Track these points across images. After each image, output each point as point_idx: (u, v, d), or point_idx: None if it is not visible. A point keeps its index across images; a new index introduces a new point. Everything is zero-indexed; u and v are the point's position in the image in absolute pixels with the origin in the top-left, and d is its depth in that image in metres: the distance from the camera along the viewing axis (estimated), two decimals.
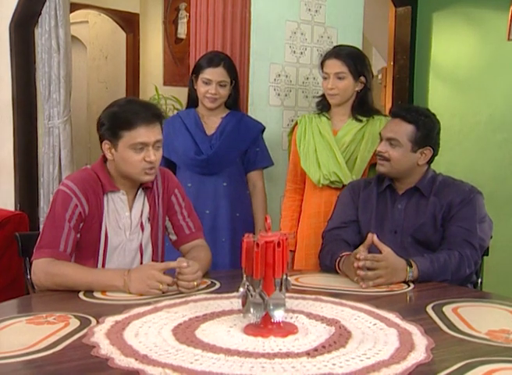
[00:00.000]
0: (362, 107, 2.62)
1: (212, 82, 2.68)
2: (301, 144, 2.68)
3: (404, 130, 2.16)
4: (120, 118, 1.92)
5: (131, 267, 1.98)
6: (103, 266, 2.02)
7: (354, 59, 2.56)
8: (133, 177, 2.00)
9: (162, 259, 2.15)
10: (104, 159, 2.03)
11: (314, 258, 2.62)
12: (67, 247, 1.91)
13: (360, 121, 2.61)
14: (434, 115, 2.24)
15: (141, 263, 2.07)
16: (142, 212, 2.07)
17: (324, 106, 2.69)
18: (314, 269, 2.58)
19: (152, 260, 2.10)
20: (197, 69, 2.74)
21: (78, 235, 1.96)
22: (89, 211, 1.97)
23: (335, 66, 2.56)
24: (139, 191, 2.07)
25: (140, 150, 1.93)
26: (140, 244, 2.08)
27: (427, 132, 2.17)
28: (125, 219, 2.04)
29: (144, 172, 1.97)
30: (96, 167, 2.03)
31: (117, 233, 2.03)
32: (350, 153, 2.61)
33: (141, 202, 2.08)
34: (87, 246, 1.99)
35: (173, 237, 2.19)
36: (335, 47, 2.72)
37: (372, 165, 2.64)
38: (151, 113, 1.95)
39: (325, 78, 2.60)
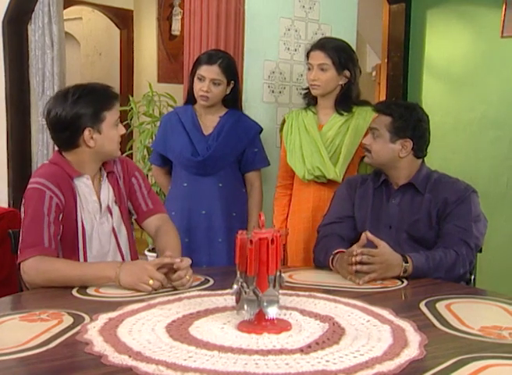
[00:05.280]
0: (345, 101, 2.63)
1: (206, 79, 2.67)
2: (288, 140, 2.70)
3: (383, 121, 2.21)
4: (102, 101, 1.99)
5: (109, 252, 2.04)
6: (85, 253, 2.02)
7: (339, 52, 2.57)
8: (111, 155, 2.07)
9: (131, 241, 2.17)
10: (59, 152, 2.05)
11: (303, 253, 2.64)
12: (51, 242, 1.90)
13: (343, 115, 2.62)
14: (418, 108, 2.25)
15: (118, 245, 2.09)
16: (108, 196, 2.09)
17: (310, 99, 2.70)
18: (303, 263, 2.59)
19: (129, 241, 2.13)
20: (195, 65, 2.73)
21: (60, 226, 1.96)
22: (65, 200, 1.97)
23: (318, 57, 2.57)
24: (103, 176, 2.09)
25: (117, 125, 2.04)
26: (113, 228, 2.09)
27: (403, 123, 2.18)
28: (92, 204, 2.05)
29: (118, 146, 2.07)
30: (54, 159, 2.04)
31: (88, 219, 2.03)
32: (335, 147, 2.62)
33: (107, 186, 2.09)
34: (68, 236, 1.99)
35: (135, 216, 2.20)
36: (321, 38, 2.73)
37: (363, 158, 2.66)
38: (115, 90, 2.09)
39: (309, 69, 2.62)
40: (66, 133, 1.97)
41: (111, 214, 2.09)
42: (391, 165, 2.22)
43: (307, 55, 2.63)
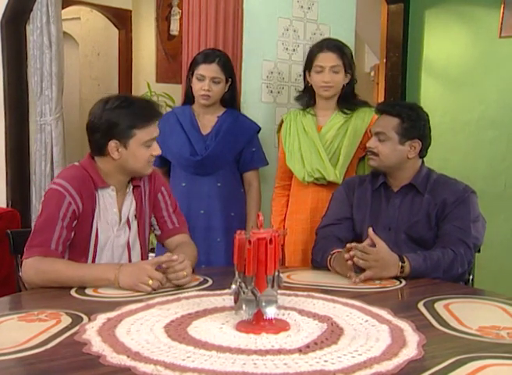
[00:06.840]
0: (349, 100, 2.63)
1: (206, 78, 2.67)
2: (286, 142, 2.69)
3: (390, 124, 2.19)
4: (137, 118, 1.95)
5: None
6: (93, 262, 2.01)
7: (346, 53, 2.58)
8: (137, 172, 2.03)
9: (146, 257, 2.16)
10: (92, 156, 2.03)
11: (301, 254, 2.63)
12: (58, 246, 1.89)
13: (346, 114, 2.61)
14: (420, 108, 2.26)
15: (129, 260, 2.07)
16: (129, 209, 2.08)
17: (308, 101, 2.69)
18: (301, 264, 2.59)
19: (141, 257, 2.11)
20: (193, 66, 2.73)
21: (72, 233, 1.95)
22: (83, 208, 1.96)
23: (331, 59, 2.55)
24: (129, 189, 2.07)
25: (150, 145, 1.99)
26: (128, 241, 2.08)
27: (412, 123, 2.18)
28: (112, 215, 2.04)
29: (149, 165, 2.02)
30: (85, 164, 2.02)
31: (105, 229, 2.03)
32: (334, 149, 2.61)
33: (130, 199, 2.08)
34: (79, 243, 1.98)
35: (158, 232, 2.19)
36: (324, 40, 2.71)
37: (362, 159, 2.65)
38: (157, 109, 2.04)
39: (317, 72, 2.58)
40: (95, 138, 1.97)
41: (129, 228, 2.08)
42: (398, 166, 2.22)
43: (314, 57, 2.59)
